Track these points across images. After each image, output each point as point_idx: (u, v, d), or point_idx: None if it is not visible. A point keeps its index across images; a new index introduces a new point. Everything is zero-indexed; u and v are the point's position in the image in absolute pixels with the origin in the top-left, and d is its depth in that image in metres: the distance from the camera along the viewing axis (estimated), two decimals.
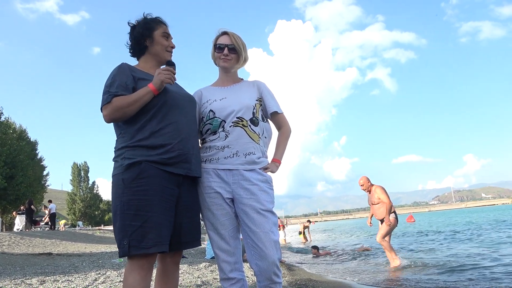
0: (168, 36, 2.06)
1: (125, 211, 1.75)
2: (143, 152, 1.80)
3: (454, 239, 12.68)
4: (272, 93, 2.22)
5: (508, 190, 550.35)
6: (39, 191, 30.10)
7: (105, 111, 1.83)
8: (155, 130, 1.84)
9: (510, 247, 8.88)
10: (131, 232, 1.72)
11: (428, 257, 8.25)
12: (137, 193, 1.76)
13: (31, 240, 13.11)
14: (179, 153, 1.86)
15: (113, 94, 1.82)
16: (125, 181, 1.78)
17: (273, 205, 2.05)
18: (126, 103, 1.80)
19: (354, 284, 5.43)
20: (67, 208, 57.04)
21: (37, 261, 7.66)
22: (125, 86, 1.86)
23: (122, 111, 1.81)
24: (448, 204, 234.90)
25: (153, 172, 1.79)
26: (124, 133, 1.88)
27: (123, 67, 1.92)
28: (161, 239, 1.75)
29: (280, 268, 2.00)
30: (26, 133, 30.10)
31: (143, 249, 1.71)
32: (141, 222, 1.72)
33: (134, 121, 1.86)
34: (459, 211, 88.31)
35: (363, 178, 7.21)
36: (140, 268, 1.74)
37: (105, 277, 4.97)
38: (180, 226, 1.90)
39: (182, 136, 1.89)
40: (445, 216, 44.43)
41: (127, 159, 1.80)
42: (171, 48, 2.07)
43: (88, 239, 18.03)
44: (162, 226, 1.77)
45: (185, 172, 1.90)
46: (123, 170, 1.80)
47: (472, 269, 6.14)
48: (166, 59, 2.05)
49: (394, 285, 5.20)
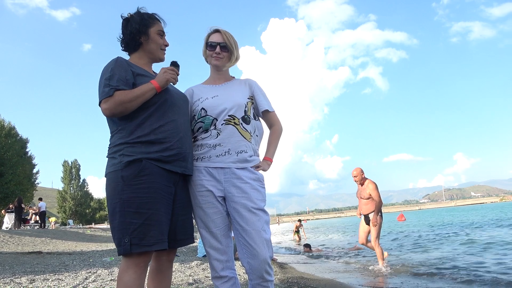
0: (163, 34, 2.04)
1: (125, 208, 1.72)
2: (142, 149, 1.79)
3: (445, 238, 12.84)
4: (264, 92, 2.22)
5: (496, 189, 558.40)
6: (28, 189, 29.70)
7: (105, 105, 1.77)
8: (155, 127, 1.83)
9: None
10: (133, 230, 1.70)
11: (420, 256, 8.35)
12: (137, 190, 1.74)
13: (21, 239, 12.96)
14: (177, 152, 1.86)
15: (114, 88, 1.78)
16: (124, 178, 1.75)
17: (265, 204, 2.05)
18: (128, 98, 1.77)
19: (345, 283, 5.47)
20: (58, 206, 56.46)
21: (27, 259, 7.57)
22: (125, 80, 1.82)
23: (124, 106, 1.77)
24: (438, 202, 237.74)
25: (153, 170, 1.78)
26: (121, 129, 1.84)
27: (120, 61, 1.88)
28: (163, 237, 1.76)
29: (272, 266, 2.00)
30: (16, 131, 29.67)
31: (145, 247, 1.70)
32: (143, 219, 1.71)
33: (133, 117, 1.83)
34: (449, 209, 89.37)
35: (357, 169, 6.92)
36: (136, 266, 1.72)
37: (96, 276, 4.94)
38: (176, 224, 1.90)
39: (181, 134, 1.90)
40: (436, 215, 44.92)
41: (127, 156, 1.77)
42: (165, 46, 2.05)
43: (79, 238, 17.89)
44: (163, 223, 1.77)
45: (181, 170, 1.90)
46: (122, 167, 1.76)
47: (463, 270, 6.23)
48: (159, 58, 2.03)
49: (384, 285, 5.25)
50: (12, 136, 28.01)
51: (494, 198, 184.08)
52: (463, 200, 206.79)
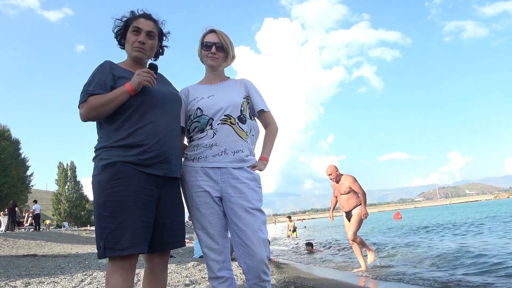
0: (138, 30, 1.96)
1: (101, 212, 1.74)
2: (119, 153, 1.78)
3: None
4: (259, 91, 2.22)
5: (490, 187, 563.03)
6: (23, 191, 29.49)
7: (81, 110, 1.82)
8: (132, 131, 1.81)
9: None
10: (107, 234, 1.71)
11: (421, 251, 8.38)
12: (112, 194, 1.74)
13: (15, 242, 12.85)
14: (156, 154, 1.83)
15: (89, 93, 1.81)
16: (101, 182, 1.77)
17: (262, 204, 2.05)
18: (101, 103, 1.78)
19: (342, 281, 5.48)
20: (52, 209, 56.09)
21: (22, 263, 7.51)
22: (104, 85, 1.83)
23: (97, 111, 1.79)
24: (433, 200, 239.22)
25: (129, 173, 1.76)
26: (102, 134, 1.86)
27: (103, 66, 1.90)
28: (137, 240, 1.72)
29: (269, 266, 2.00)
30: (9, 133, 29.43)
31: (118, 251, 1.70)
32: (117, 223, 1.71)
33: (112, 121, 1.84)
34: (444, 207, 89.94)
35: (331, 166, 6.47)
36: (121, 269, 1.72)
37: (92, 278, 4.91)
38: (163, 226, 1.88)
39: (160, 136, 1.86)
40: (432, 213, 45.16)
41: (103, 159, 1.79)
42: (138, 43, 1.95)
43: (74, 240, 17.77)
44: (138, 227, 1.74)
45: (164, 173, 1.87)
46: (99, 172, 1.79)
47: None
48: (133, 56, 1.98)
49: (384, 279, 5.27)
50: (6, 139, 27.79)
51: (488, 196, 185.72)
52: (458, 198, 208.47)
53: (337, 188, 6.46)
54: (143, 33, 1.96)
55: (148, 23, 1.99)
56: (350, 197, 6.32)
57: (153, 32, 2.00)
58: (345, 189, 6.31)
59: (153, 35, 2.01)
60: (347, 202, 6.34)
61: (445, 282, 4.83)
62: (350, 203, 6.31)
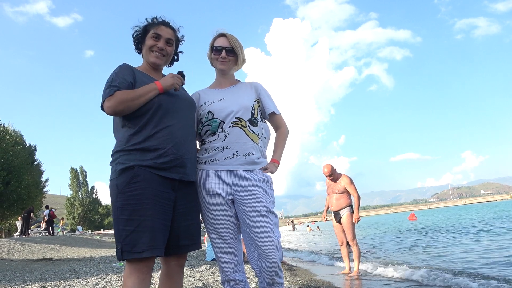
0: (158, 36, 2.01)
1: (119, 216, 1.77)
2: (136, 157, 1.81)
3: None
4: (270, 94, 2.23)
5: (506, 186, 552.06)
6: (37, 196, 29.91)
7: (108, 103, 1.81)
8: (150, 135, 1.84)
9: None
10: (124, 237, 1.73)
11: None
12: (130, 198, 1.76)
13: (31, 246, 13.07)
14: (172, 158, 1.85)
15: (116, 88, 1.83)
16: (119, 186, 1.79)
17: (274, 206, 2.05)
18: (130, 97, 1.81)
19: (355, 284, 5.42)
20: (66, 213, 56.87)
21: (37, 266, 7.63)
22: (128, 82, 1.87)
23: (126, 104, 1.80)
24: (447, 201, 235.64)
25: (146, 176, 1.79)
26: (121, 137, 1.88)
27: (124, 66, 1.94)
28: (154, 243, 1.74)
29: (282, 268, 1.99)
30: (22, 138, 29.92)
31: (136, 254, 1.72)
32: (134, 226, 1.73)
33: (130, 126, 1.86)
34: (459, 208, 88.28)
35: (328, 166, 6.38)
36: (138, 272, 1.74)
37: (106, 281, 4.96)
38: (178, 229, 1.89)
39: (176, 140, 1.88)
40: (447, 214, 44.35)
41: (121, 164, 1.81)
42: (157, 48, 2.00)
43: (88, 244, 17.98)
44: (156, 230, 1.76)
45: (179, 176, 1.89)
46: (117, 175, 1.81)
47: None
48: (149, 61, 2.03)
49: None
50: (19, 144, 28.23)
51: (504, 196, 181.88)
52: (472, 198, 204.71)
53: (332, 186, 6.41)
54: (162, 40, 2.01)
55: (168, 31, 2.04)
56: (342, 197, 6.26)
57: (172, 40, 2.05)
58: (340, 188, 6.26)
59: (172, 43, 2.06)
60: (337, 202, 6.29)
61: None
62: (340, 203, 6.25)
